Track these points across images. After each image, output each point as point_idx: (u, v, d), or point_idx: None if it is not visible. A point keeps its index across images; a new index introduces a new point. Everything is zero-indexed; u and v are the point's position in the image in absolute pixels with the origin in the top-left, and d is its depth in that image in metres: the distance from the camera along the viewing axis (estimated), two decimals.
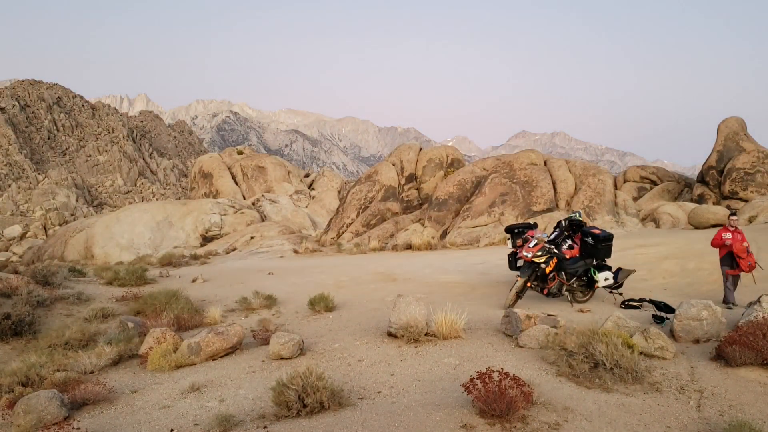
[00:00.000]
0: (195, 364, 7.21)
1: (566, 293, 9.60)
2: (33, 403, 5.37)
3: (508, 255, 10.57)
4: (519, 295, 9.30)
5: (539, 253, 9.23)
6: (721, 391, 5.17)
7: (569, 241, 9.82)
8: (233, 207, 38.86)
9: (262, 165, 52.54)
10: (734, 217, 9.44)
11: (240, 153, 57.56)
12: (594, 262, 9.68)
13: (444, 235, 23.17)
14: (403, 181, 28.78)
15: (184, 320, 9.55)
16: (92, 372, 7.35)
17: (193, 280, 15.22)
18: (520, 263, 9.87)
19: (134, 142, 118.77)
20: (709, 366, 5.82)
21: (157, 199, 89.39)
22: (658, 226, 22.30)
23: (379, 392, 5.44)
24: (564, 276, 9.45)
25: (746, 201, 25.59)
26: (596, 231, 9.63)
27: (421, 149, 30.60)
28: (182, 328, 9.33)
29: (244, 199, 47.15)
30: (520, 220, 21.61)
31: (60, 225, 66.81)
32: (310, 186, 52.90)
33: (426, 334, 7.11)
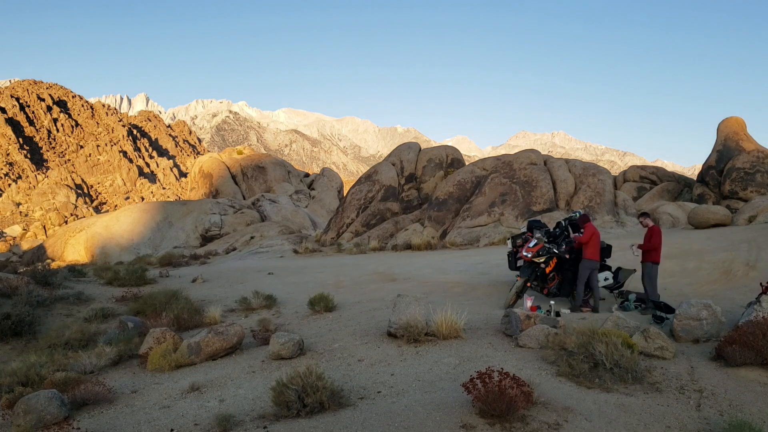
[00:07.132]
0: (195, 364, 7.21)
1: None
2: (33, 403, 5.36)
3: (508, 254, 10.58)
4: (519, 295, 9.31)
5: (539, 253, 9.24)
6: (720, 391, 5.16)
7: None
8: (233, 207, 38.86)
9: (262, 165, 52.53)
10: None
11: (240, 153, 57.49)
12: None
13: (444, 234, 23.17)
14: (403, 181, 28.76)
15: (184, 320, 9.56)
16: (92, 372, 7.35)
17: (193, 280, 15.22)
18: (520, 263, 9.88)
19: (134, 142, 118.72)
20: (709, 366, 5.82)
21: (157, 199, 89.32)
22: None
23: (379, 392, 5.43)
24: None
25: (746, 201, 25.58)
26: None
27: (421, 149, 30.60)
28: (182, 328, 9.34)
29: (244, 199, 47.13)
30: (520, 220, 21.60)
31: (60, 225, 66.78)
32: (310, 186, 52.87)
33: (426, 334, 7.10)
